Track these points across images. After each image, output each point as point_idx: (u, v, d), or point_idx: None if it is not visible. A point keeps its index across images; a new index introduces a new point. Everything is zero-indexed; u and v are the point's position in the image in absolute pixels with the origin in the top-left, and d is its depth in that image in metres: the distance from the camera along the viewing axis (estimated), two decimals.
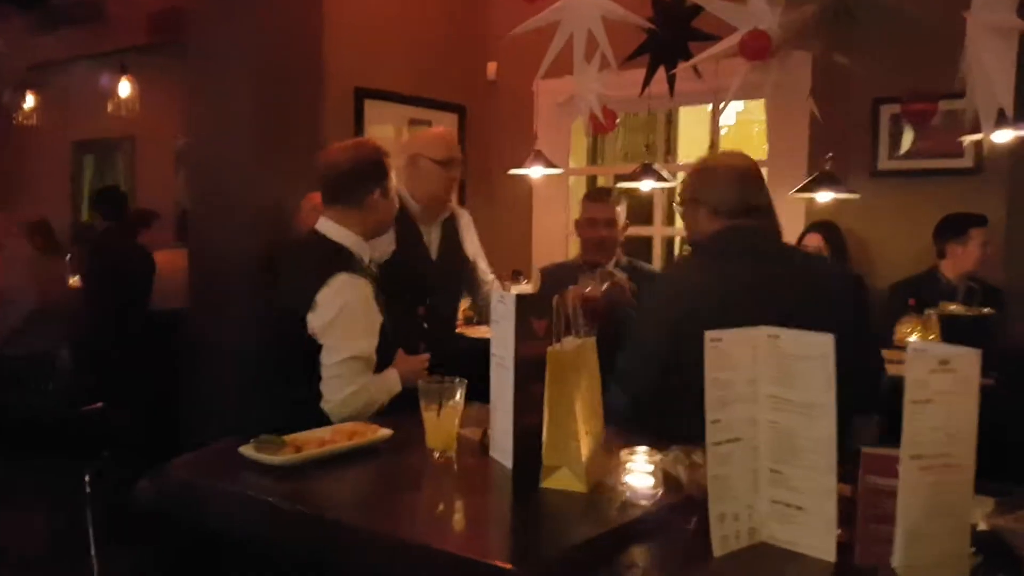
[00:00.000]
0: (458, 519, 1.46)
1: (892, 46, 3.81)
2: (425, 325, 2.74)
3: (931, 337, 3.09)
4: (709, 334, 1.32)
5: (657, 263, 5.02)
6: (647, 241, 5.09)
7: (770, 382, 1.34)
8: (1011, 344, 2.94)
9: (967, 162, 3.80)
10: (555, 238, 5.14)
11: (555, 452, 1.54)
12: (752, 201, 1.95)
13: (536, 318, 1.68)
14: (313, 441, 1.70)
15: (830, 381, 1.28)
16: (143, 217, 5.10)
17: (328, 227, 2.18)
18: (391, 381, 2.14)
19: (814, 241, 3.86)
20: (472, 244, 3.06)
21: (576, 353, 1.60)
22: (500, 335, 1.70)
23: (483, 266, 3.11)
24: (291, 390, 2.09)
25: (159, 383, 3.91)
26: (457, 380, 1.73)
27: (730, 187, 1.97)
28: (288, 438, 1.69)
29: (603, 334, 1.67)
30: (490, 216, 4.64)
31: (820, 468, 1.30)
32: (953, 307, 2.96)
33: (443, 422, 1.70)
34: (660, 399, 1.87)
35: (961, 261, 3.55)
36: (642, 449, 1.51)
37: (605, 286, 2.76)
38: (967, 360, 1.15)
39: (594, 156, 6.48)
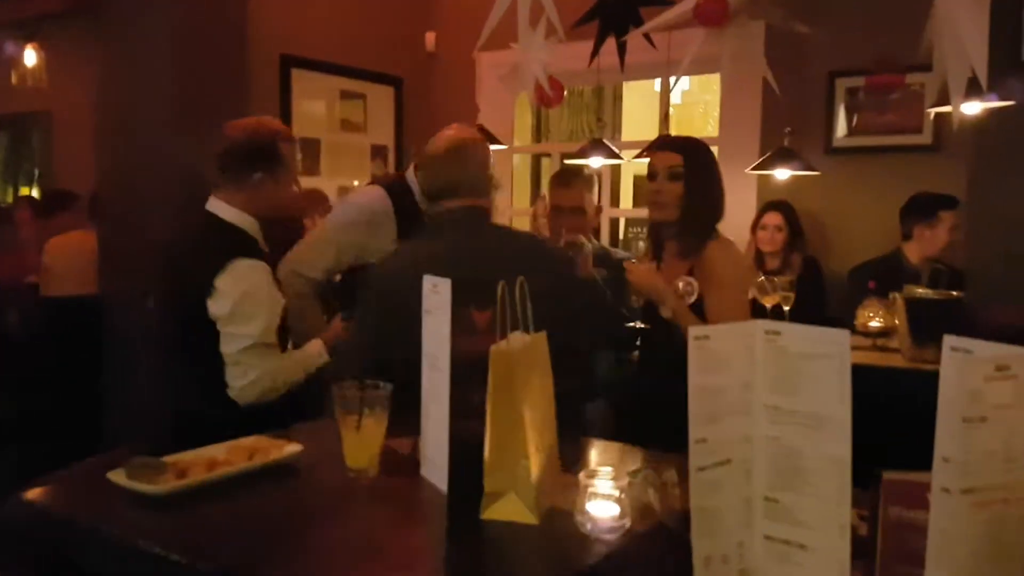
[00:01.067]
0: (376, 563, 1.14)
1: (849, 16, 3.62)
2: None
3: (896, 322, 2.87)
4: (693, 331, 1.02)
5: (603, 242, 4.73)
6: None
7: (769, 389, 1.05)
8: (977, 331, 2.73)
9: (926, 139, 3.62)
10: (499, 219, 4.81)
11: (499, 475, 1.23)
12: (455, 180, 1.95)
13: (477, 308, 1.37)
14: (201, 463, 1.35)
15: (845, 386, 1.00)
16: (59, 199, 4.63)
17: (219, 207, 2.12)
18: (310, 356, 2.15)
19: (774, 220, 3.65)
20: None
21: (526, 351, 1.29)
22: (432, 329, 1.39)
23: None
24: (196, 371, 2.07)
25: (62, 373, 3.55)
26: (383, 385, 1.40)
27: (434, 169, 2.00)
28: (171, 459, 1.35)
29: None
30: None
31: (830, 497, 1.01)
32: (920, 290, 2.75)
33: (364, 436, 1.37)
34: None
35: (928, 244, 3.34)
36: (605, 470, 1.21)
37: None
38: None
39: (539, 135, 6.18)
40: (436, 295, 1.38)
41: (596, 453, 1.65)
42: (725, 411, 1.05)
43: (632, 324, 2.35)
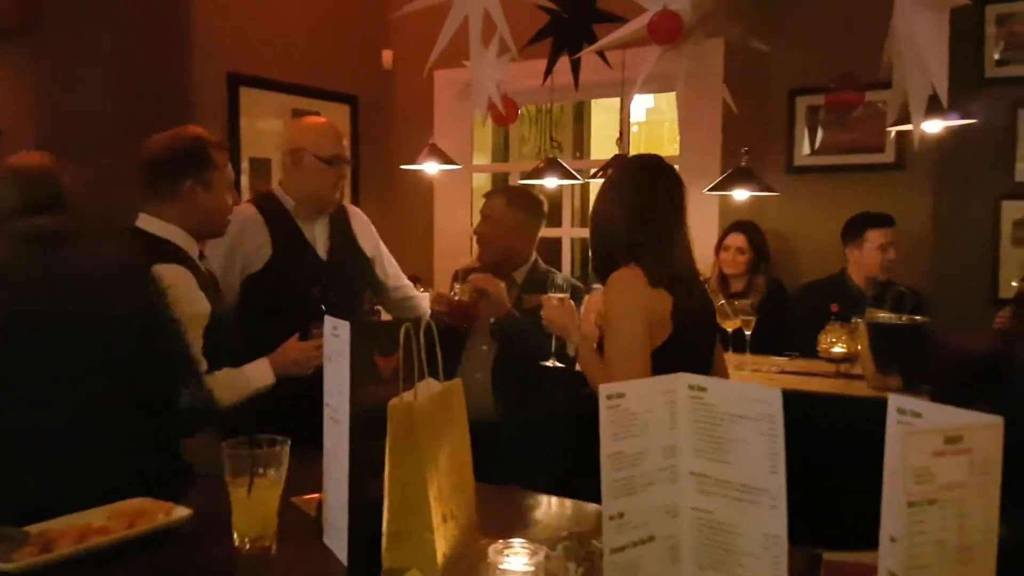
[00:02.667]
0: None
1: (809, 33, 3.54)
2: (323, 307, 2.31)
3: (858, 347, 2.76)
4: (604, 389, 0.88)
5: (567, 268, 4.62)
6: (557, 243, 4.68)
7: (695, 453, 0.91)
8: (942, 354, 2.63)
9: (888, 157, 3.55)
10: (458, 239, 4.71)
11: (400, 548, 1.07)
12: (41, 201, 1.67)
13: (381, 353, 1.22)
14: (71, 533, 1.19)
15: (778, 454, 0.86)
16: None
17: (147, 221, 1.99)
18: (252, 375, 1.99)
19: (736, 242, 3.56)
20: (370, 244, 2.75)
21: (433, 403, 1.14)
22: (332, 377, 1.24)
23: (392, 270, 2.83)
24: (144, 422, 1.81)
25: None
26: (280, 441, 1.25)
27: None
28: (37, 529, 1.18)
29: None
30: (386, 216, 4.19)
31: None
32: (883, 315, 2.64)
33: (256, 502, 1.21)
34: None
35: (860, 265, 3.31)
36: (518, 542, 1.06)
37: (458, 291, 2.50)
38: (987, 434, 0.73)
39: (505, 154, 6.06)
40: (337, 339, 1.23)
41: (536, 513, 1.49)
42: (644, 480, 0.91)
43: (547, 363, 2.31)
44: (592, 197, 7.30)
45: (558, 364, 2.41)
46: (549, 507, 1.50)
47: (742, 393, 0.86)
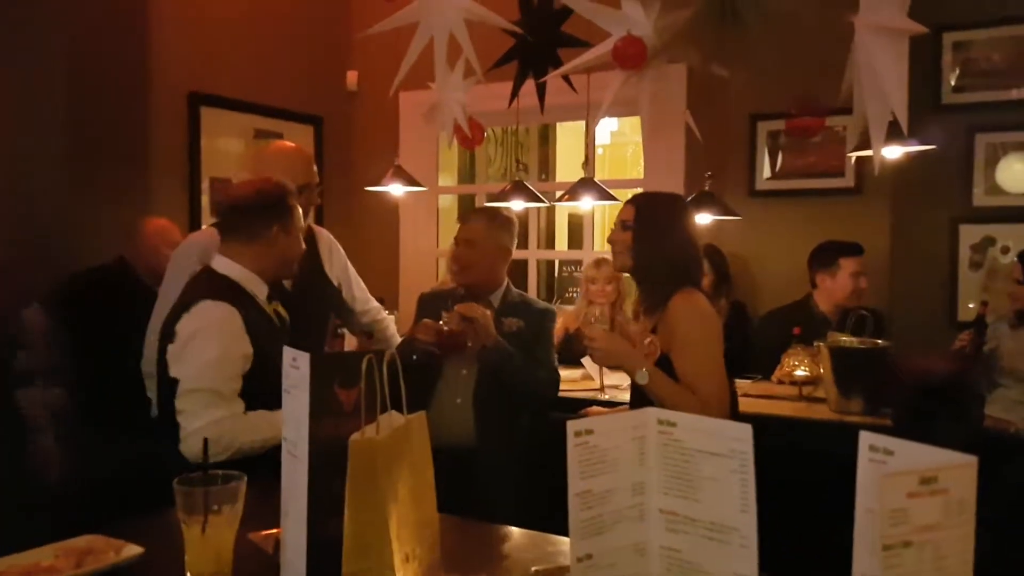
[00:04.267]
0: None
1: (769, 60, 3.57)
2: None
3: (820, 371, 2.77)
4: (572, 426, 0.85)
5: (533, 289, 4.60)
6: (523, 265, 4.67)
7: (664, 491, 0.88)
8: (902, 377, 2.65)
9: (848, 182, 3.59)
10: (425, 262, 4.67)
11: None
12: None
13: (342, 386, 1.18)
14: (17, 572, 1.12)
15: (749, 492, 0.84)
16: None
17: (220, 263, 2.05)
18: (275, 422, 1.89)
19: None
20: (337, 267, 2.73)
21: (395, 438, 1.10)
22: (291, 410, 1.19)
23: (360, 294, 2.81)
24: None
25: None
26: (235, 477, 1.20)
27: None
28: None
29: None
30: (351, 238, 4.12)
31: None
32: (845, 339, 2.66)
33: (210, 540, 1.16)
34: None
35: (831, 293, 3.30)
36: None
37: (447, 320, 2.47)
38: (962, 474, 0.72)
39: (471, 175, 6.05)
40: (295, 370, 1.18)
41: (504, 547, 1.45)
42: (613, 519, 0.88)
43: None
44: (559, 220, 7.28)
45: (603, 409, 2.38)
46: (518, 541, 1.46)
47: (712, 429, 0.84)
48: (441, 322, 2.48)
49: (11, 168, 3.30)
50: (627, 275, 2.27)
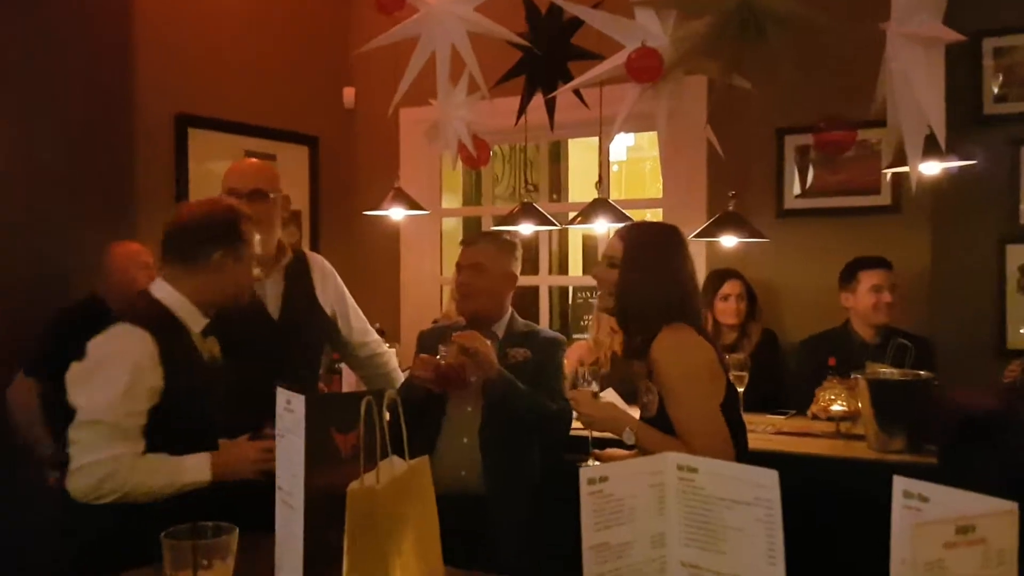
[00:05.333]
0: None
1: (796, 71, 3.59)
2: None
3: (859, 405, 2.76)
4: (584, 474, 0.86)
5: (545, 318, 4.61)
6: (534, 292, 4.69)
7: (685, 542, 0.89)
8: (946, 412, 2.64)
9: (884, 199, 3.60)
10: (428, 290, 4.70)
11: None
12: None
13: (340, 430, 1.19)
14: None
15: (776, 541, 0.84)
16: None
17: (156, 286, 2.07)
18: (187, 467, 1.94)
19: (735, 288, 3.60)
20: (332, 295, 2.75)
21: (396, 486, 1.11)
22: (285, 456, 1.21)
23: (358, 324, 2.82)
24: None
25: None
26: (225, 529, 1.21)
27: None
28: None
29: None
30: (349, 266, 4.15)
31: None
32: (884, 370, 2.66)
33: None
34: None
35: (856, 311, 3.36)
36: None
37: (446, 353, 2.47)
38: (1002, 522, 0.73)
39: (477, 196, 6.09)
40: (290, 413, 1.20)
41: None
42: (631, 573, 0.88)
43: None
44: (573, 243, 7.32)
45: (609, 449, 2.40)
46: None
47: (736, 475, 0.85)
48: (439, 356, 2.48)
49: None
50: None
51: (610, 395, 3.25)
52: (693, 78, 2.69)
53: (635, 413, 3.10)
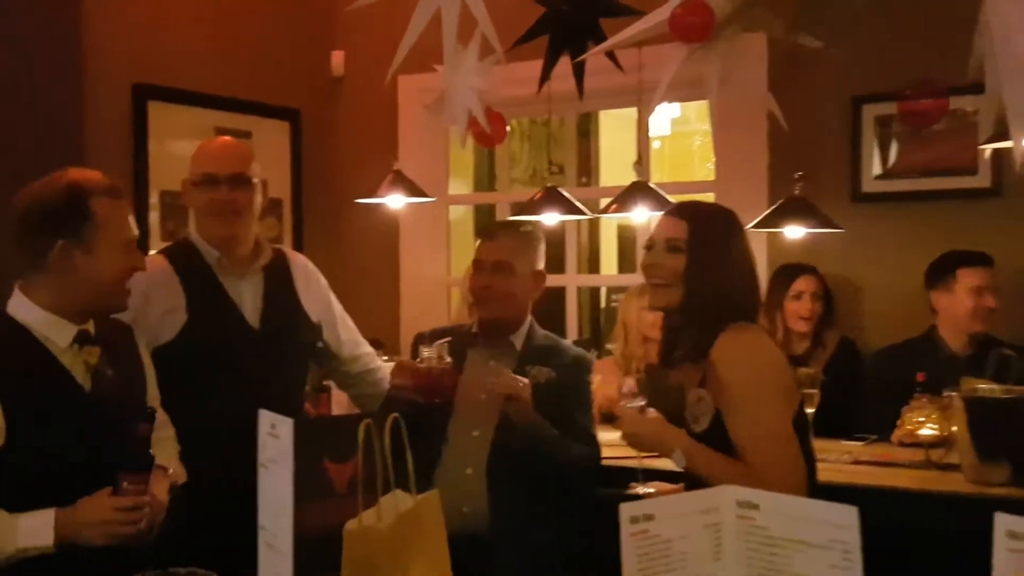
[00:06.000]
0: None
1: (876, 28, 3.61)
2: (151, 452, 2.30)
3: (953, 428, 2.76)
4: (626, 510, 0.88)
5: (572, 323, 4.63)
6: (559, 294, 4.70)
7: None
8: None
9: (982, 180, 3.58)
10: (432, 293, 4.72)
11: None
12: None
13: (334, 459, 1.22)
14: None
15: None
16: None
17: (13, 300, 2.03)
18: (23, 528, 1.84)
19: (809, 286, 3.61)
20: (317, 302, 2.79)
21: (402, 527, 1.13)
22: (269, 491, 1.23)
23: (347, 336, 2.87)
24: None
25: None
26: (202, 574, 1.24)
27: None
28: None
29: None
30: (338, 265, 4.21)
31: None
32: (984, 386, 2.65)
33: None
34: None
35: (950, 316, 3.35)
36: None
37: (429, 356, 2.45)
38: None
39: (490, 180, 6.12)
40: (274, 439, 1.22)
41: None
42: None
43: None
44: (606, 235, 7.33)
45: (648, 489, 2.43)
46: None
47: (807, 512, 0.86)
48: (419, 359, 2.47)
49: None
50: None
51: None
52: (751, 36, 2.68)
53: None
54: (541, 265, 2.81)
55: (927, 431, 2.89)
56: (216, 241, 2.59)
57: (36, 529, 1.83)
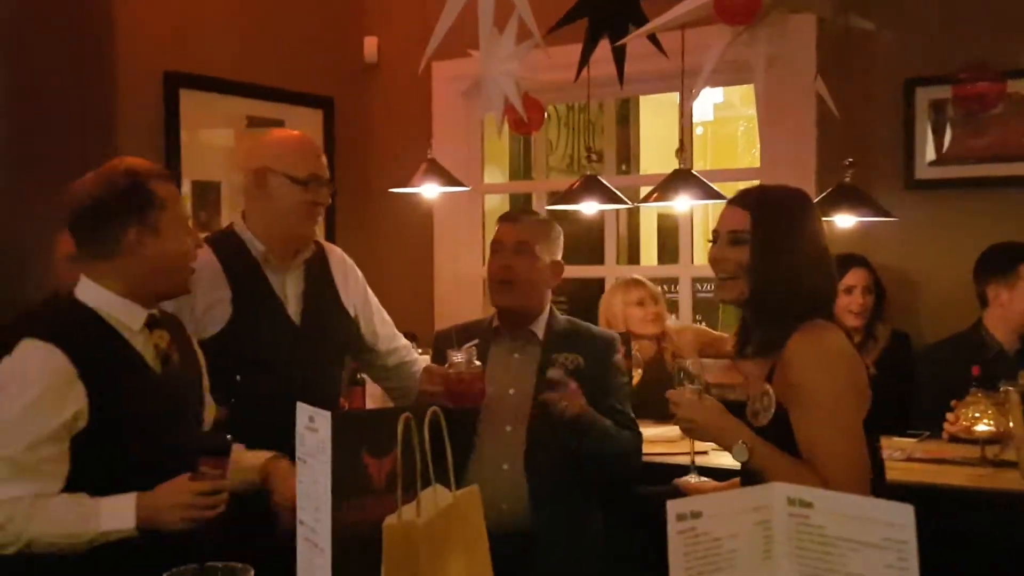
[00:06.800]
0: None
1: (930, 8, 3.57)
2: (228, 436, 2.34)
3: (1009, 424, 2.73)
4: (673, 506, 0.88)
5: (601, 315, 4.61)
6: (598, 285, 4.70)
7: None
8: None
9: None
10: (466, 282, 4.74)
11: None
12: None
13: (373, 454, 1.23)
14: None
15: None
16: None
17: (82, 287, 2.07)
18: (102, 512, 1.91)
19: (861, 279, 3.59)
20: (355, 296, 2.82)
21: (443, 523, 1.14)
22: (308, 486, 1.24)
23: (383, 330, 2.89)
24: None
25: None
26: (239, 571, 1.26)
27: None
28: None
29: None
30: (371, 255, 4.22)
31: None
32: None
33: None
34: None
35: (1008, 311, 3.32)
36: None
37: (459, 360, 2.49)
38: None
39: (527, 169, 6.12)
40: (312, 433, 1.23)
41: None
42: None
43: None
44: (646, 225, 7.31)
45: (702, 478, 2.42)
46: None
47: (862, 511, 0.85)
48: (448, 364, 2.50)
49: None
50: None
51: None
52: (799, 18, 2.66)
53: None
54: (559, 256, 2.84)
55: (982, 427, 2.86)
56: (295, 240, 2.61)
57: (118, 512, 1.90)
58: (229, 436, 2.00)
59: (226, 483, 1.94)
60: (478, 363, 2.49)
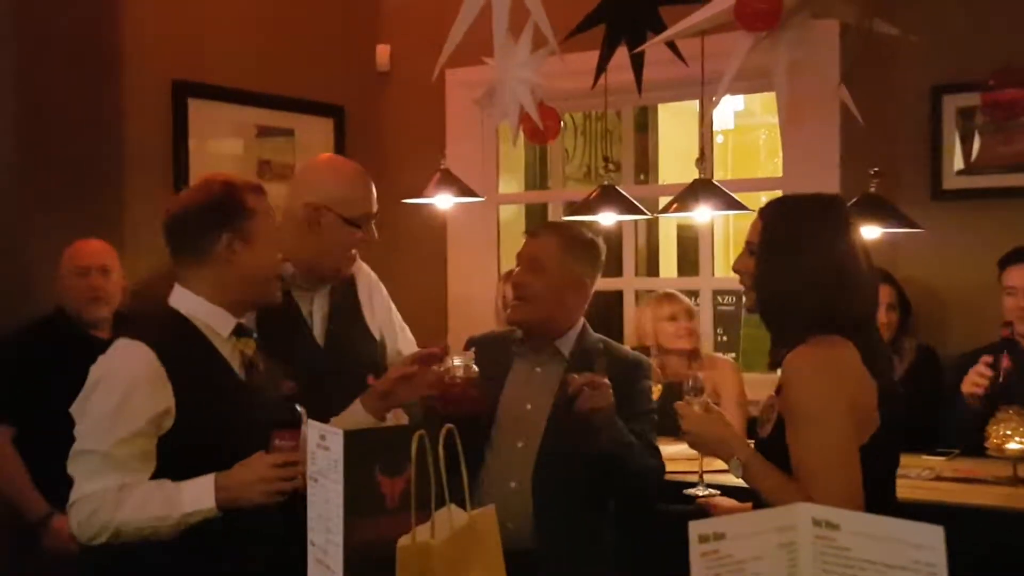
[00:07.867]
0: None
1: (957, 13, 3.56)
2: (299, 408, 2.34)
3: None
4: (695, 528, 0.88)
5: (630, 329, 4.60)
6: (616, 298, 4.70)
7: None
8: None
9: None
10: (482, 298, 4.71)
11: None
12: None
13: (386, 472, 1.23)
14: None
15: None
16: None
17: (176, 294, 2.18)
18: (183, 495, 1.99)
19: (885, 296, 3.53)
20: (380, 315, 2.83)
21: (458, 543, 1.14)
22: (319, 505, 1.25)
23: (407, 349, 2.85)
24: None
25: None
26: None
27: None
28: None
29: None
30: (384, 268, 4.18)
31: None
32: None
33: None
34: None
35: (1018, 310, 3.31)
36: None
37: (458, 365, 2.45)
38: None
39: (542, 178, 6.13)
40: (324, 451, 1.24)
41: None
42: None
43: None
44: (665, 236, 7.31)
45: (711, 490, 2.43)
46: None
47: (890, 533, 0.85)
48: (444, 367, 2.46)
49: None
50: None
51: None
52: (822, 24, 2.67)
53: None
54: (584, 271, 2.76)
55: (1014, 445, 2.84)
56: (330, 277, 2.63)
57: (198, 493, 1.97)
58: (300, 408, 2.04)
59: (299, 456, 1.96)
60: (475, 369, 2.47)
